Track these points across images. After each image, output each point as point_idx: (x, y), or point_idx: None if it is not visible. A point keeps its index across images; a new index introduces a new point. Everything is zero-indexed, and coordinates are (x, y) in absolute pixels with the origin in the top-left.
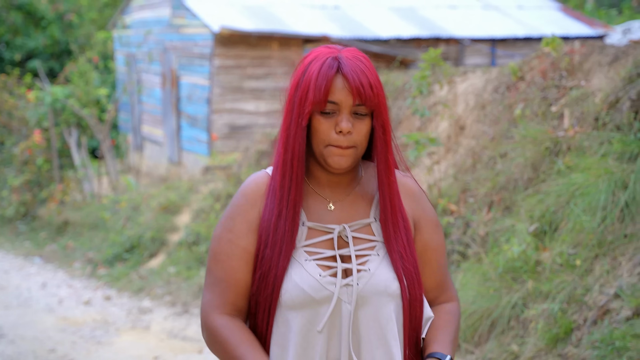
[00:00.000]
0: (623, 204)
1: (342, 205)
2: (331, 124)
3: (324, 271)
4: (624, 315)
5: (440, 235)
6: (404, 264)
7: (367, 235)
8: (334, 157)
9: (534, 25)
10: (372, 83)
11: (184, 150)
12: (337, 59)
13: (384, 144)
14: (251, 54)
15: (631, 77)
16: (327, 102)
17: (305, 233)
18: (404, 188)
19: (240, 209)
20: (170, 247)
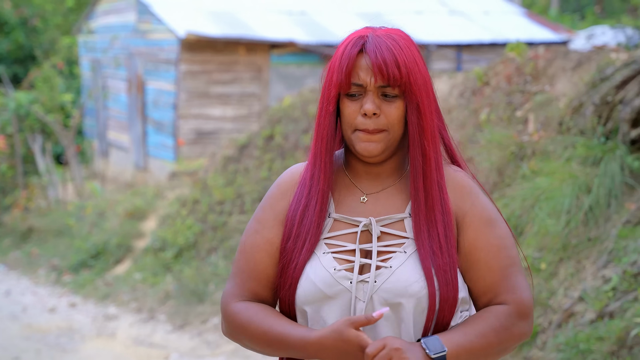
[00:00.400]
0: (587, 207)
1: (376, 198)
2: (357, 106)
3: (341, 265)
4: (588, 318)
5: (494, 233)
6: (436, 262)
7: (397, 231)
8: (361, 142)
9: (499, 31)
10: (399, 61)
11: (150, 156)
12: (364, 37)
13: (418, 129)
14: (217, 59)
15: (594, 82)
16: (350, 83)
17: (330, 225)
18: (452, 182)
19: (271, 199)
20: (136, 253)
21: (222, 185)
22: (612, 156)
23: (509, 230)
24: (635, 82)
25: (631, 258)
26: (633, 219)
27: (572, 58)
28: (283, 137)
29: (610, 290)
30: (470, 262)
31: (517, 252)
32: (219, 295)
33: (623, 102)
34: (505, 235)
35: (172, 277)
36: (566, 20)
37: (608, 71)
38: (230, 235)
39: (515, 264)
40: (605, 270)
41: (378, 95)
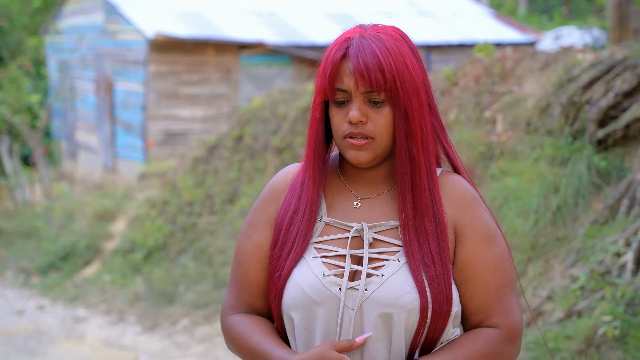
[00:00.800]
0: (555, 207)
1: (370, 204)
2: (344, 113)
3: (330, 270)
4: (557, 317)
5: (492, 250)
6: (428, 274)
7: (391, 239)
8: (350, 151)
9: (467, 32)
10: (384, 66)
11: (119, 157)
12: (350, 39)
13: (405, 136)
14: (186, 60)
15: (561, 83)
16: (334, 89)
17: (320, 229)
18: (452, 192)
19: (263, 201)
20: (105, 255)
21: (191, 186)
22: (580, 156)
23: (507, 247)
24: (601, 83)
25: (598, 257)
26: (600, 218)
27: (539, 59)
28: (252, 138)
29: (578, 289)
30: (466, 278)
31: (513, 272)
32: (188, 297)
33: (590, 102)
34: (503, 254)
35: (141, 279)
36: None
37: (575, 72)
38: (200, 237)
39: (511, 285)
40: (573, 270)
41: (364, 102)
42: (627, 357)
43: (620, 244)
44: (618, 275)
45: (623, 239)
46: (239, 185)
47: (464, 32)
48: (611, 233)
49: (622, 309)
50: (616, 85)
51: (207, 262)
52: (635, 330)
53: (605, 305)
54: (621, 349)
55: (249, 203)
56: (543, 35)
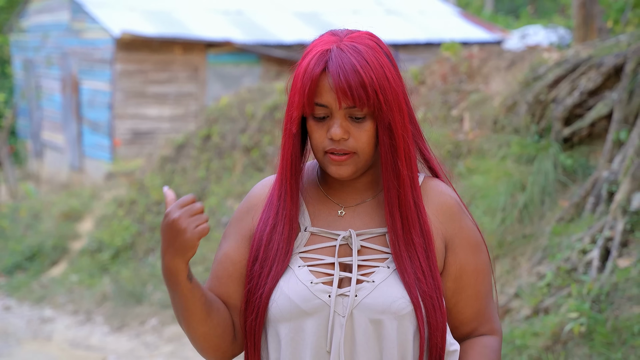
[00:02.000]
0: (521, 205)
1: (355, 212)
2: (325, 129)
3: (318, 278)
4: (524, 314)
5: (480, 258)
6: (420, 287)
7: (379, 246)
8: (331, 166)
9: (434, 31)
10: (365, 81)
11: (86, 157)
12: (328, 52)
13: (390, 150)
14: (153, 59)
15: (527, 81)
16: (314, 105)
17: (305, 239)
18: (438, 201)
19: (238, 213)
20: (73, 255)
21: (159, 185)
22: (546, 154)
23: (487, 252)
24: (567, 81)
25: (565, 254)
26: (566, 215)
27: (506, 57)
28: (220, 137)
29: (545, 286)
30: (460, 286)
31: (493, 275)
32: (157, 296)
33: (555, 100)
34: (488, 261)
35: (109, 279)
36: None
37: (541, 70)
38: None
39: (491, 291)
40: (539, 267)
41: (346, 117)
42: (592, 353)
43: (586, 241)
44: (584, 272)
45: (589, 236)
46: (207, 185)
47: (431, 31)
48: (577, 230)
49: (588, 306)
50: (581, 84)
51: None
52: (601, 326)
53: (572, 302)
54: (587, 346)
55: (216, 202)
56: (509, 34)
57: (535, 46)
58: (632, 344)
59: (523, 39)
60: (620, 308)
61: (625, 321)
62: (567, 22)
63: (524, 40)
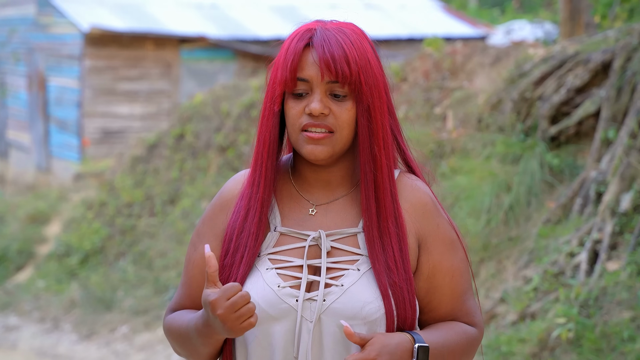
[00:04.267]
0: (507, 206)
1: (326, 210)
2: (303, 106)
3: (285, 282)
4: (510, 320)
5: (456, 257)
6: (391, 278)
7: (350, 247)
8: (307, 145)
9: (416, 26)
10: (349, 57)
11: (54, 157)
12: (312, 30)
13: (368, 133)
14: (124, 55)
15: (512, 78)
16: (296, 79)
17: (275, 239)
18: (413, 198)
19: (211, 210)
20: (39, 259)
21: (130, 186)
22: (532, 154)
23: (465, 249)
24: (553, 78)
25: (552, 257)
26: (553, 217)
27: (490, 53)
28: (194, 136)
29: (532, 290)
30: (434, 285)
31: (470, 272)
32: (127, 303)
33: (542, 98)
34: (464, 258)
35: (77, 284)
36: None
37: (526, 67)
38: (140, 239)
39: (471, 288)
40: (526, 270)
41: (326, 94)
42: (581, 359)
43: (573, 244)
44: (572, 276)
45: (576, 238)
46: (181, 186)
47: (412, 26)
48: (564, 233)
49: (576, 311)
50: (568, 81)
51: (147, 266)
52: (589, 332)
53: (559, 307)
54: (575, 352)
55: (190, 204)
56: (494, 30)
57: (521, 42)
58: (621, 350)
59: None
60: (609, 313)
61: (614, 326)
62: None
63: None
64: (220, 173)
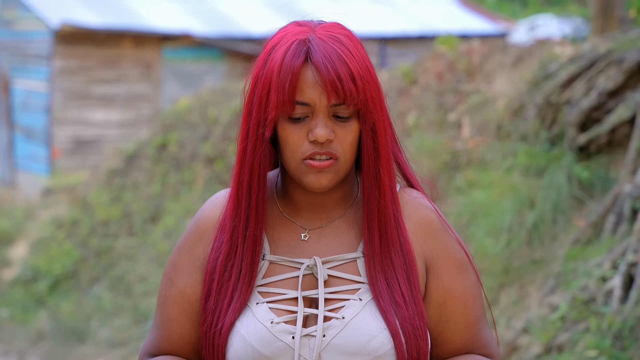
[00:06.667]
0: (530, 225)
1: (321, 235)
2: (304, 131)
3: (279, 317)
4: (534, 353)
5: (468, 280)
6: (400, 313)
7: (349, 275)
8: (311, 175)
9: (428, 21)
10: (354, 73)
11: (19, 169)
12: (306, 42)
13: (374, 154)
14: (99, 54)
15: (536, 81)
16: (294, 103)
17: (264, 269)
18: (417, 216)
19: (188, 239)
20: (2, 285)
21: (106, 203)
22: (558, 165)
23: (476, 271)
24: (582, 80)
25: (581, 282)
26: (582, 237)
27: (511, 52)
28: (178, 146)
29: (559, 319)
30: (446, 314)
31: (483, 298)
32: (103, 334)
33: (569, 103)
34: (477, 282)
35: (46, 313)
36: (506, 8)
37: (552, 68)
38: (117, 262)
39: (485, 315)
40: (552, 297)
41: (329, 117)
42: None
43: (606, 267)
44: (604, 303)
45: (609, 261)
46: (163, 202)
47: (424, 22)
48: (595, 254)
49: (609, 342)
50: (599, 83)
51: (125, 293)
52: None
53: (590, 338)
54: None
55: (174, 222)
56: (516, 25)
57: (546, 39)
58: None
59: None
60: None
61: None
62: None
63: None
64: (207, 187)
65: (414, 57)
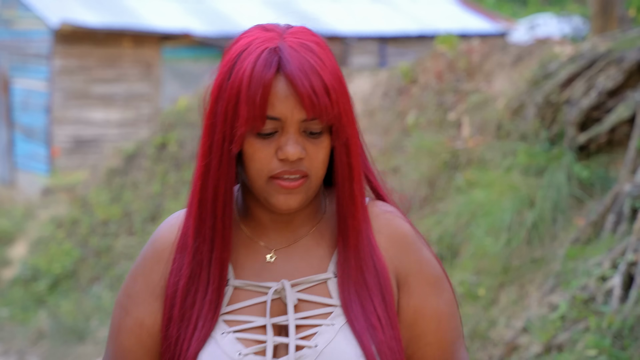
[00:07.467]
0: (530, 224)
1: (288, 255)
2: (272, 148)
3: (247, 347)
4: (534, 352)
5: (442, 298)
6: (377, 338)
7: (321, 298)
8: (279, 195)
9: (428, 21)
10: (328, 86)
11: (19, 169)
12: (277, 50)
13: (348, 171)
14: (99, 53)
15: (536, 80)
16: (265, 118)
17: (229, 295)
18: (388, 229)
19: (144, 264)
20: (2, 285)
21: (106, 202)
22: (558, 164)
23: (452, 288)
24: (582, 80)
25: (581, 281)
26: (582, 236)
27: (511, 52)
28: (178, 145)
29: (558, 319)
30: (417, 334)
31: (459, 317)
32: (102, 333)
33: (569, 102)
34: (452, 298)
35: (46, 313)
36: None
37: (552, 67)
38: (117, 261)
39: (461, 335)
40: (552, 296)
41: (300, 132)
42: None
43: (605, 266)
44: (604, 302)
45: (609, 260)
46: (162, 201)
47: (424, 21)
48: (595, 253)
49: (609, 342)
50: (599, 83)
51: None
52: None
53: (590, 337)
54: None
55: None
56: (515, 25)
57: (546, 39)
58: None
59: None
60: None
61: None
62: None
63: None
64: None
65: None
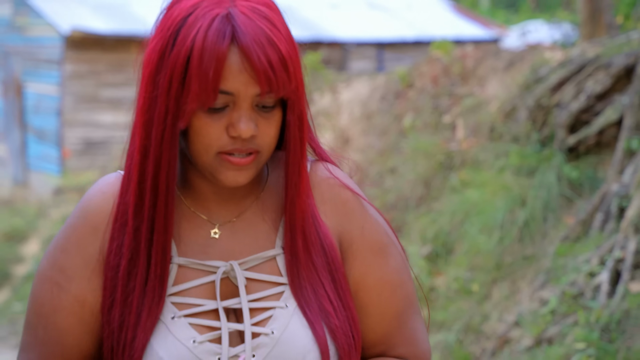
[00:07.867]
0: (522, 222)
1: (234, 230)
2: (222, 124)
3: (202, 334)
4: (525, 345)
5: (387, 265)
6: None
7: (270, 276)
8: (228, 172)
9: (424, 27)
10: (285, 57)
11: (31, 169)
12: (229, 18)
13: (300, 146)
14: (107, 59)
15: (528, 84)
16: (217, 93)
17: (173, 274)
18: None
19: (77, 235)
20: (16, 280)
21: None
22: (549, 165)
23: (403, 253)
24: (571, 84)
25: (570, 277)
26: (572, 234)
27: (503, 57)
28: None
29: (549, 313)
30: (358, 306)
31: (413, 287)
32: None
33: (559, 105)
34: (401, 265)
35: None
36: (498, 15)
37: (542, 72)
38: None
39: (413, 305)
40: (542, 292)
41: (252, 107)
42: None
43: (594, 263)
44: (592, 297)
45: (597, 257)
46: None
47: (420, 28)
48: (584, 251)
49: (596, 335)
50: (588, 87)
51: None
52: (611, 358)
53: (579, 331)
54: None
55: None
56: (508, 31)
57: (537, 44)
58: None
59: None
60: (632, 337)
61: (638, 352)
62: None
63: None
64: None
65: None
